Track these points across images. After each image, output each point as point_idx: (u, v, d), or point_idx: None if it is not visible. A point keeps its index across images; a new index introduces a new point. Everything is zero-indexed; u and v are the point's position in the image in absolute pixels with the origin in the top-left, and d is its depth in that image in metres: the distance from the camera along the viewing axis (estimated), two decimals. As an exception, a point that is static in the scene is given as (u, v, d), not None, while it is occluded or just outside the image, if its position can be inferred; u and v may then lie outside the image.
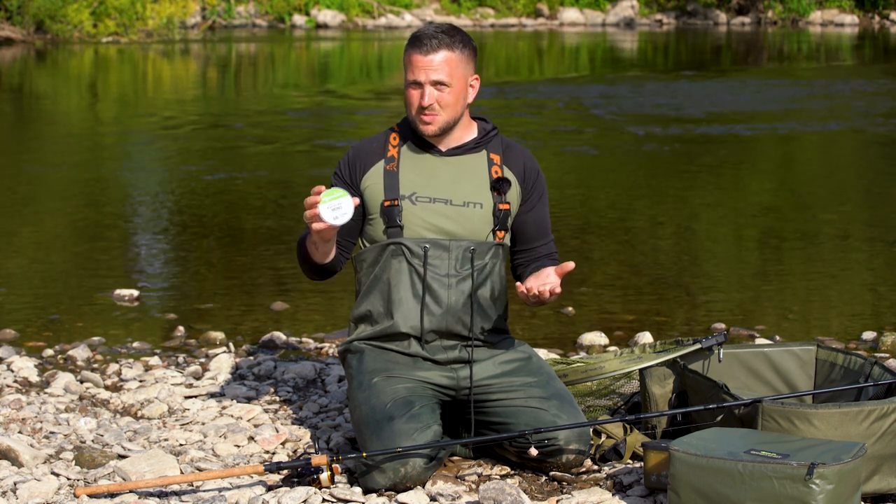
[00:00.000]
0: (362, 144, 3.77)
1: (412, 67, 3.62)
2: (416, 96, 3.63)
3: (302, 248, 3.67)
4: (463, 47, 3.64)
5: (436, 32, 3.62)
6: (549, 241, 3.84)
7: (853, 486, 3.08)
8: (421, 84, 3.61)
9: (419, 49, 3.61)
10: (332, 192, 3.38)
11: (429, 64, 3.60)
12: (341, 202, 3.37)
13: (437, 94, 3.61)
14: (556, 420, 3.53)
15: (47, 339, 5.30)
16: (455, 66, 3.62)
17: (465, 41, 3.66)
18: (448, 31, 3.65)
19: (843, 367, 3.80)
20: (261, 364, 4.76)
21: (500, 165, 3.72)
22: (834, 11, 34.31)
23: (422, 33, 3.64)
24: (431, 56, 3.60)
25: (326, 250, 3.60)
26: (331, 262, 3.66)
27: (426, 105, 3.61)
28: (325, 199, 3.36)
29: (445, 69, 3.60)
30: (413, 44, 3.63)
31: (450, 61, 3.61)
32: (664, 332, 5.48)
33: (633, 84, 17.65)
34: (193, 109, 15.28)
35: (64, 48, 24.70)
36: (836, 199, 9.27)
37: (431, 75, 3.60)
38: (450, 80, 3.61)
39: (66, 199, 9.19)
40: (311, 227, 3.45)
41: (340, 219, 3.37)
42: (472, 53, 3.68)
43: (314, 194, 3.39)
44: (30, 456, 3.57)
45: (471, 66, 3.68)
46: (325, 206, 3.36)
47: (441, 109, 3.63)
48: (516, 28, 32.86)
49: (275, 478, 3.50)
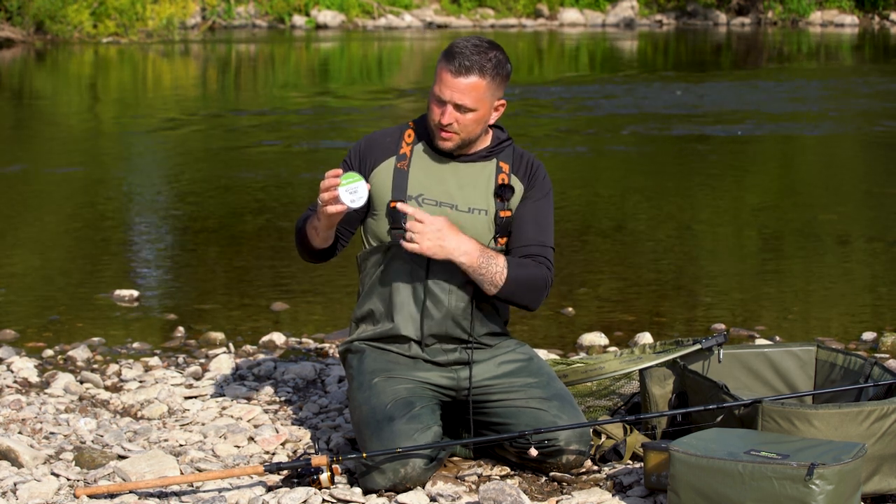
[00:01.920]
0: (376, 137, 3.72)
1: (440, 83, 3.54)
2: (437, 112, 3.56)
3: (301, 229, 3.67)
4: (495, 74, 3.54)
5: (473, 53, 3.51)
6: (543, 246, 3.66)
7: (853, 486, 3.08)
8: (444, 102, 3.54)
9: (451, 67, 3.51)
10: (350, 175, 3.41)
11: (456, 86, 3.51)
12: (358, 186, 3.40)
13: (458, 115, 3.54)
14: (556, 420, 3.53)
15: (47, 340, 5.29)
16: (482, 93, 3.54)
17: (500, 65, 3.55)
18: (486, 50, 3.53)
19: (843, 367, 3.80)
20: (261, 364, 4.76)
21: (508, 174, 3.67)
22: (834, 12, 34.31)
23: (458, 50, 3.53)
24: (461, 79, 3.51)
25: (327, 236, 3.59)
26: (329, 248, 3.66)
27: (445, 124, 3.56)
28: (343, 181, 3.39)
29: (472, 95, 3.52)
30: (447, 59, 3.53)
31: (478, 87, 3.53)
32: (664, 332, 5.47)
33: (632, 84, 17.65)
34: (193, 110, 15.28)
35: (64, 49, 24.70)
36: (836, 199, 9.27)
37: (457, 98, 3.52)
38: (474, 105, 3.53)
39: (66, 199, 9.19)
40: (324, 209, 3.44)
41: (357, 202, 3.41)
42: (504, 79, 3.58)
43: (331, 176, 3.39)
44: (30, 456, 3.57)
45: (500, 90, 3.60)
46: (343, 189, 3.39)
47: (459, 129, 3.57)
48: (516, 28, 32.85)
49: (275, 478, 3.49)
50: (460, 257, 3.51)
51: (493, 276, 3.55)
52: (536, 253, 3.64)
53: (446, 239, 3.49)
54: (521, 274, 3.58)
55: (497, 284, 3.56)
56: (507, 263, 3.56)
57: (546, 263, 3.64)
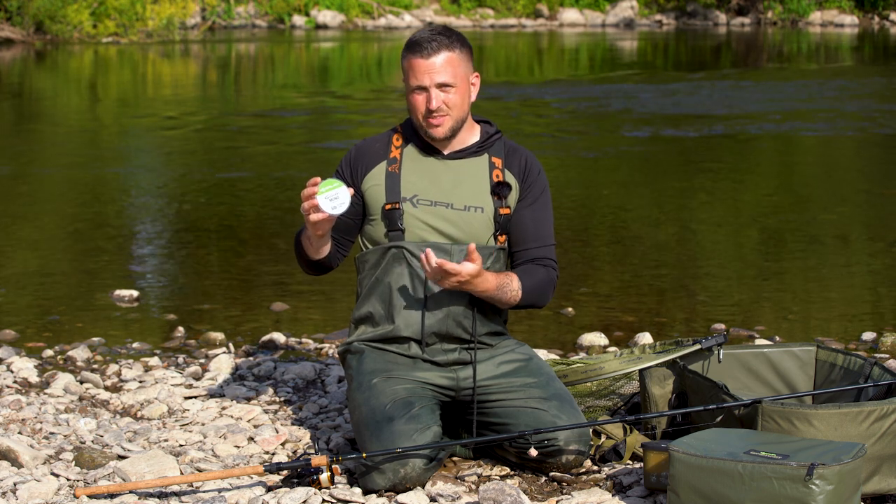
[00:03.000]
0: (364, 144, 3.76)
1: (414, 73, 3.60)
2: (421, 101, 3.61)
3: (298, 242, 3.68)
4: (461, 46, 3.63)
5: (432, 35, 3.61)
6: (545, 245, 3.72)
7: (853, 486, 3.08)
8: (426, 88, 3.59)
9: (420, 53, 3.59)
10: (329, 182, 3.42)
11: (431, 67, 3.58)
12: (338, 192, 3.41)
13: (443, 97, 3.59)
14: (555, 421, 3.53)
15: (47, 340, 5.30)
16: (457, 66, 3.61)
17: (462, 40, 3.65)
18: (443, 31, 3.64)
19: (842, 367, 3.80)
20: (261, 364, 4.76)
21: (501, 169, 3.70)
22: (834, 12, 34.30)
23: (419, 37, 3.62)
24: (433, 59, 3.58)
25: (320, 245, 3.61)
26: (326, 258, 3.67)
27: (434, 108, 3.58)
28: (322, 189, 3.40)
29: (449, 70, 3.59)
30: (412, 49, 3.61)
31: (451, 62, 3.60)
32: (664, 332, 5.47)
33: (632, 85, 17.64)
34: (193, 110, 15.28)
35: (64, 49, 24.71)
36: (836, 199, 9.27)
37: (436, 78, 3.58)
38: (454, 80, 3.60)
39: (66, 199, 9.19)
40: (308, 218, 3.46)
41: (338, 208, 3.41)
42: (469, 52, 3.67)
43: (310, 185, 3.41)
44: (30, 456, 3.57)
45: (470, 64, 3.68)
46: (322, 197, 3.40)
47: (449, 110, 3.61)
48: (516, 29, 32.85)
49: (274, 478, 3.49)
50: (480, 294, 3.58)
51: (510, 298, 3.63)
52: (540, 255, 3.71)
53: (469, 285, 3.53)
54: (532, 285, 3.66)
55: (512, 303, 3.65)
56: (520, 283, 3.63)
57: (550, 264, 3.72)
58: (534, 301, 3.70)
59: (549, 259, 3.72)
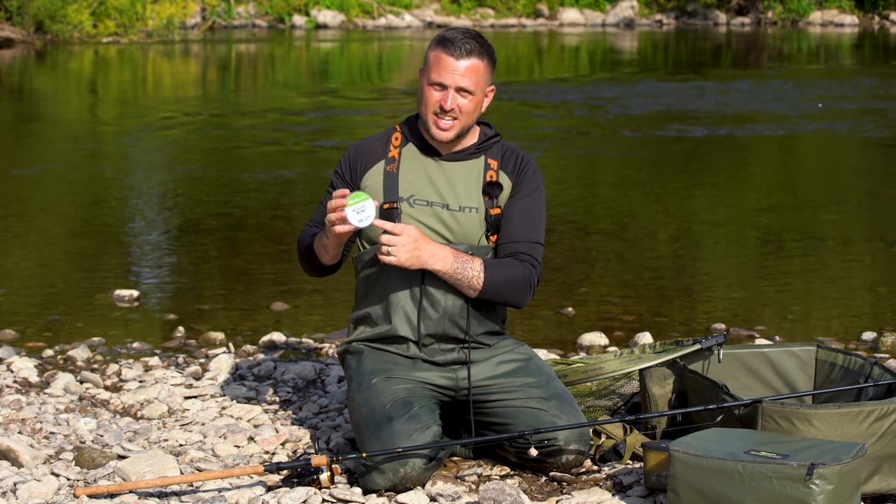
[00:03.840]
0: (363, 143, 3.76)
1: (439, 68, 3.58)
2: (437, 97, 3.60)
3: (307, 247, 3.68)
4: (489, 58, 3.62)
5: (466, 38, 3.59)
6: (530, 242, 3.67)
7: (853, 486, 3.08)
8: (446, 87, 3.58)
9: (450, 51, 3.57)
10: (357, 195, 3.44)
11: (457, 69, 3.57)
12: (365, 205, 3.43)
13: (459, 101, 3.59)
14: (555, 420, 3.53)
15: (47, 340, 5.30)
16: (480, 76, 3.60)
17: (491, 52, 3.64)
18: (477, 37, 3.62)
19: (842, 367, 3.80)
20: (261, 364, 4.76)
21: (496, 170, 3.70)
22: (834, 12, 34.32)
23: (453, 36, 3.60)
24: (462, 62, 3.57)
25: (337, 253, 3.62)
26: (336, 262, 3.70)
27: (448, 109, 3.58)
28: (350, 202, 3.42)
29: (473, 77, 3.58)
30: (444, 45, 3.59)
31: (477, 70, 3.59)
32: (664, 332, 5.47)
33: (632, 84, 17.65)
34: (193, 110, 15.28)
35: (64, 48, 24.71)
36: (836, 199, 9.27)
37: (459, 81, 3.57)
38: (474, 88, 3.59)
39: (66, 199, 9.19)
40: (333, 229, 3.47)
41: (364, 221, 3.44)
42: (493, 65, 3.65)
43: (338, 197, 3.42)
44: (30, 456, 3.57)
45: (491, 76, 3.67)
46: (350, 210, 3.42)
47: (460, 115, 3.60)
48: (516, 28, 32.86)
49: (275, 478, 3.50)
50: (435, 265, 3.55)
51: (470, 280, 3.58)
52: (522, 251, 3.65)
53: (421, 249, 3.52)
54: (499, 275, 3.60)
55: (475, 288, 3.59)
56: (483, 267, 3.58)
57: (531, 261, 3.65)
58: (505, 295, 3.62)
59: (530, 257, 3.66)
